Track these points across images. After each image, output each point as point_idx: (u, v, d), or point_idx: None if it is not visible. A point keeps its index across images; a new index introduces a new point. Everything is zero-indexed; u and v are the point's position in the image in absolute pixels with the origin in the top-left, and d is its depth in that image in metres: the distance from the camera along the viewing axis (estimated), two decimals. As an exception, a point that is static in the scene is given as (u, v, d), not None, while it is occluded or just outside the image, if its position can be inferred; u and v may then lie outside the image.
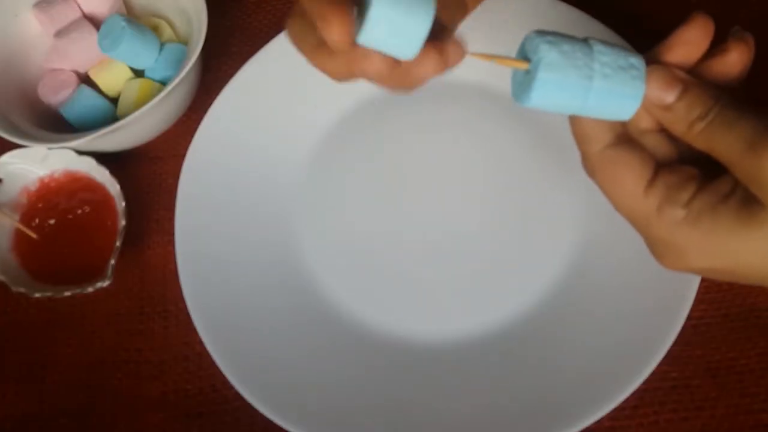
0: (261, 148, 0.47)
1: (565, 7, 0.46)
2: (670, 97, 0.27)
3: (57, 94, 0.48)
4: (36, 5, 0.49)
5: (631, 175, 0.28)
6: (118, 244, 0.42)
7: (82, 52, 0.48)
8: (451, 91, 0.47)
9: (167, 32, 0.49)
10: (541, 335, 0.40)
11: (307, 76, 0.48)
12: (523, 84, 0.28)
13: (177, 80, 0.43)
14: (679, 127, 0.28)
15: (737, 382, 0.38)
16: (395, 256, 0.44)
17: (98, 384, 0.42)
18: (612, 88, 0.27)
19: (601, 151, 0.29)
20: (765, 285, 0.28)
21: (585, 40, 0.27)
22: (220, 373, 0.40)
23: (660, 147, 0.30)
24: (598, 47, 0.27)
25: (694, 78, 0.28)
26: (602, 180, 0.29)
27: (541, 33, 0.27)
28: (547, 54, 0.26)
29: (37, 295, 0.42)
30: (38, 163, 0.45)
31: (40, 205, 0.45)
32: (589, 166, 0.30)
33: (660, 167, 0.29)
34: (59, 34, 0.49)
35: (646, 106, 0.28)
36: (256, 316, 0.42)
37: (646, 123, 0.29)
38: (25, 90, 0.49)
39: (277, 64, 0.48)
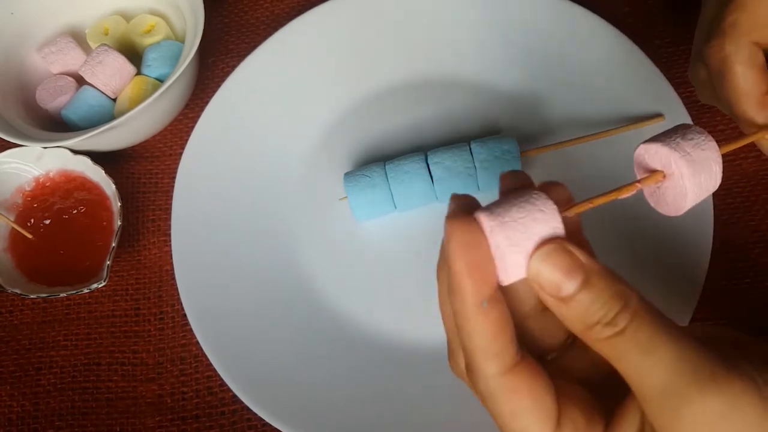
0: (258, 146, 0.46)
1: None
2: (567, 287, 0.22)
3: (55, 100, 0.48)
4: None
5: (537, 415, 0.23)
6: (114, 244, 0.42)
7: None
8: (452, 90, 0.47)
9: (164, 29, 0.49)
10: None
11: (305, 74, 0.48)
12: None
13: (173, 78, 0.43)
14: (575, 326, 0.22)
15: (741, 386, 0.38)
16: (394, 257, 0.43)
17: (93, 386, 0.42)
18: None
19: (497, 376, 0.23)
20: None
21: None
22: (217, 375, 0.40)
23: (548, 328, 0.25)
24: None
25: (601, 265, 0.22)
26: (497, 412, 0.24)
27: None
28: None
29: (33, 296, 0.42)
30: (33, 162, 0.45)
31: (35, 205, 0.45)
32: (481, 388, 0.24)
33: (560, 397, 0.23)
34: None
35: (540, 288, 0.22)
36: (253, 318, 0.41)
37: (532, 301, 0.25)
38: (21, 88, 0.49)
39: (274, 62, 0.48)
